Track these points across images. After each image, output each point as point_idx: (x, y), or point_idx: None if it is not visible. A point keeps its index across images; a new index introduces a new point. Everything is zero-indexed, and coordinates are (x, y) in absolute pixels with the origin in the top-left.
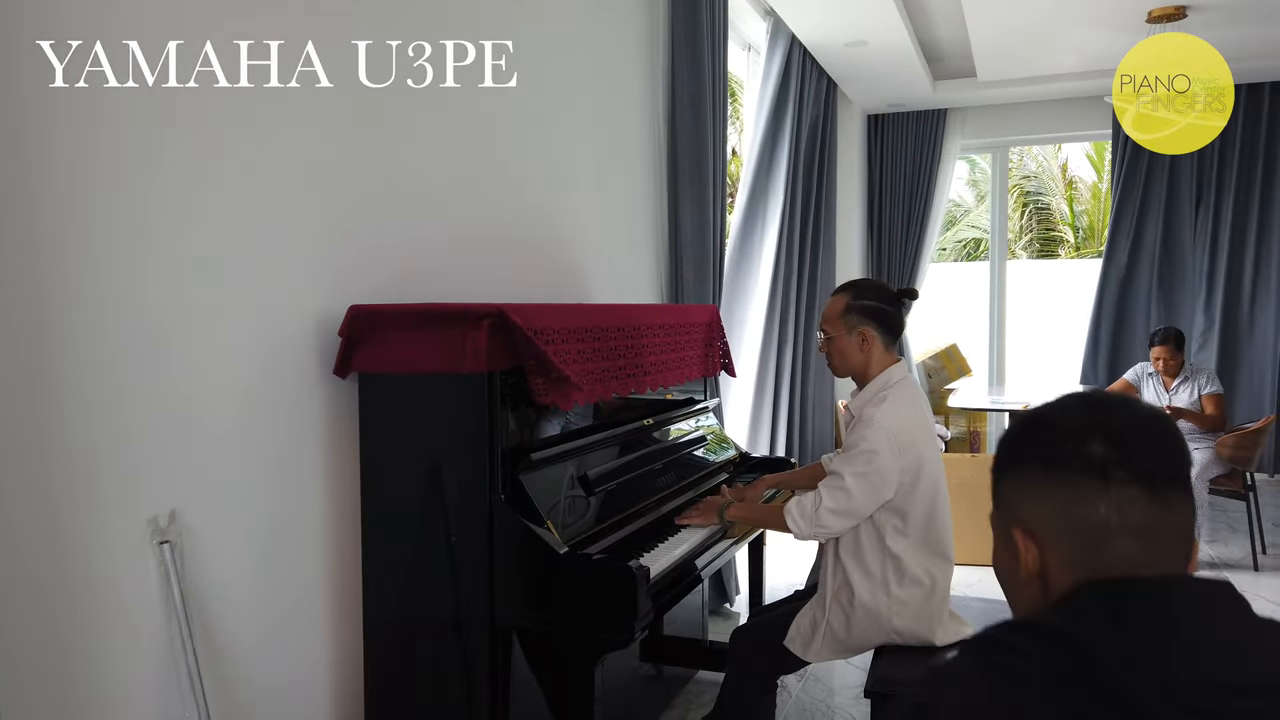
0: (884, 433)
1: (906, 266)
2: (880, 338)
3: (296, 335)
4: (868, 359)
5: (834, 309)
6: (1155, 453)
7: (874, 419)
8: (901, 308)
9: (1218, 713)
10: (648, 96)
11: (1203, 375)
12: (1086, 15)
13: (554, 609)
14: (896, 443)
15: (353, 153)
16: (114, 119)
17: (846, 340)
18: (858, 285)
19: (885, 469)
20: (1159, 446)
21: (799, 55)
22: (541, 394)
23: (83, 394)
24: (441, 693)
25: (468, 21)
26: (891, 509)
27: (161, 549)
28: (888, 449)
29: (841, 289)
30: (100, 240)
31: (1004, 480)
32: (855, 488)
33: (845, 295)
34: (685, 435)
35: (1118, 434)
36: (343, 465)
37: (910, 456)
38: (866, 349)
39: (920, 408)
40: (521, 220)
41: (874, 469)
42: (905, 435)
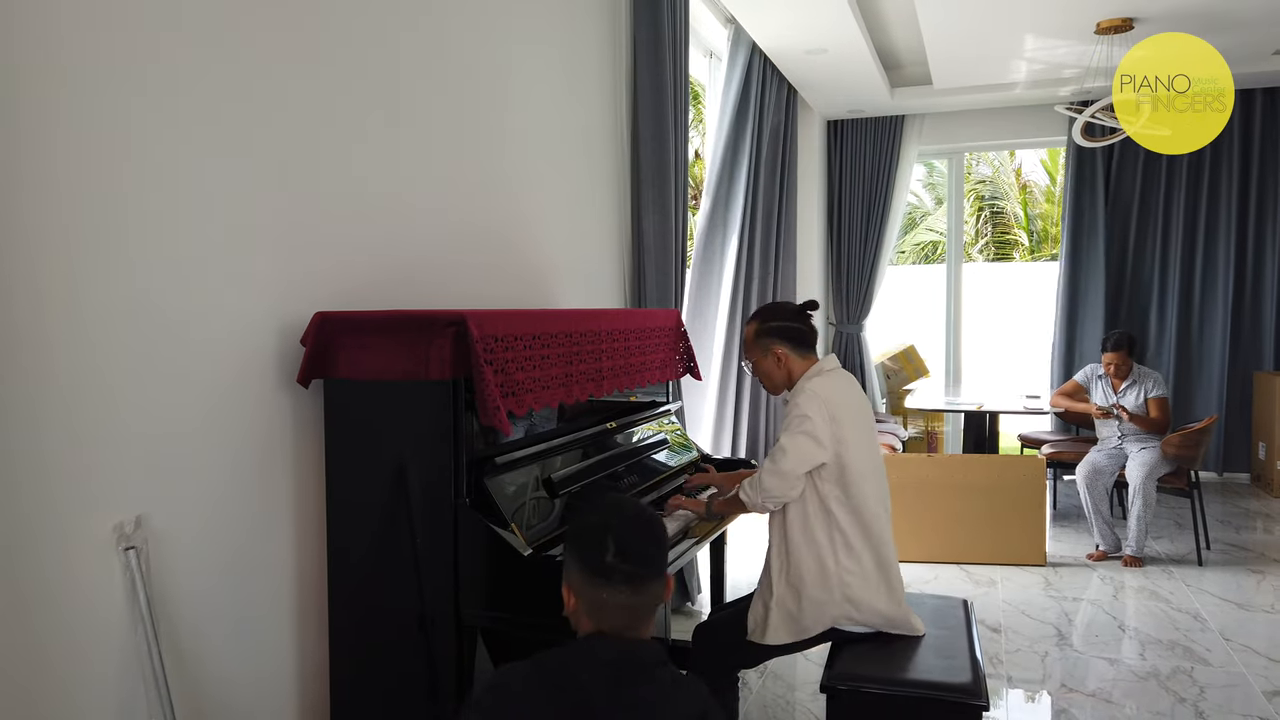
0: (815, 399)
1: (865, 269)
2: (792, 351)
3: (262, 341)
4: (788, 373)
5: (749, 336)
6: (643, 558)
7: (804, 388)
8: (807, 320)
9: None
10: (610, 103)
11: (1149, 379)
12: (1037, 26)
13: (519, 610)
14: (826, 409)
15: (318, 159)
16: (77, 121)
17: (765, 362)
18: (763, 311)
19: (816, 430)
20: (647, 553)
21: (760, 62)
22: (485, 415)
23: (46, 400)
24: (407, 694)
25: (432, 27)
26: (831, 479)
27: (127, 555)
28: (818, 413)
29: (751, 318)
30: (64, 245)
31: (566, 552)
32: (790, 446)
33: (755, 322)
34: (648, 438)
35: (622, 547)
36: (308, 470)
37: (840, 422)
38: (784, 364)
39: (851, 387)
40: (487, 226)
41: (805, 430)
42: (834, 404)
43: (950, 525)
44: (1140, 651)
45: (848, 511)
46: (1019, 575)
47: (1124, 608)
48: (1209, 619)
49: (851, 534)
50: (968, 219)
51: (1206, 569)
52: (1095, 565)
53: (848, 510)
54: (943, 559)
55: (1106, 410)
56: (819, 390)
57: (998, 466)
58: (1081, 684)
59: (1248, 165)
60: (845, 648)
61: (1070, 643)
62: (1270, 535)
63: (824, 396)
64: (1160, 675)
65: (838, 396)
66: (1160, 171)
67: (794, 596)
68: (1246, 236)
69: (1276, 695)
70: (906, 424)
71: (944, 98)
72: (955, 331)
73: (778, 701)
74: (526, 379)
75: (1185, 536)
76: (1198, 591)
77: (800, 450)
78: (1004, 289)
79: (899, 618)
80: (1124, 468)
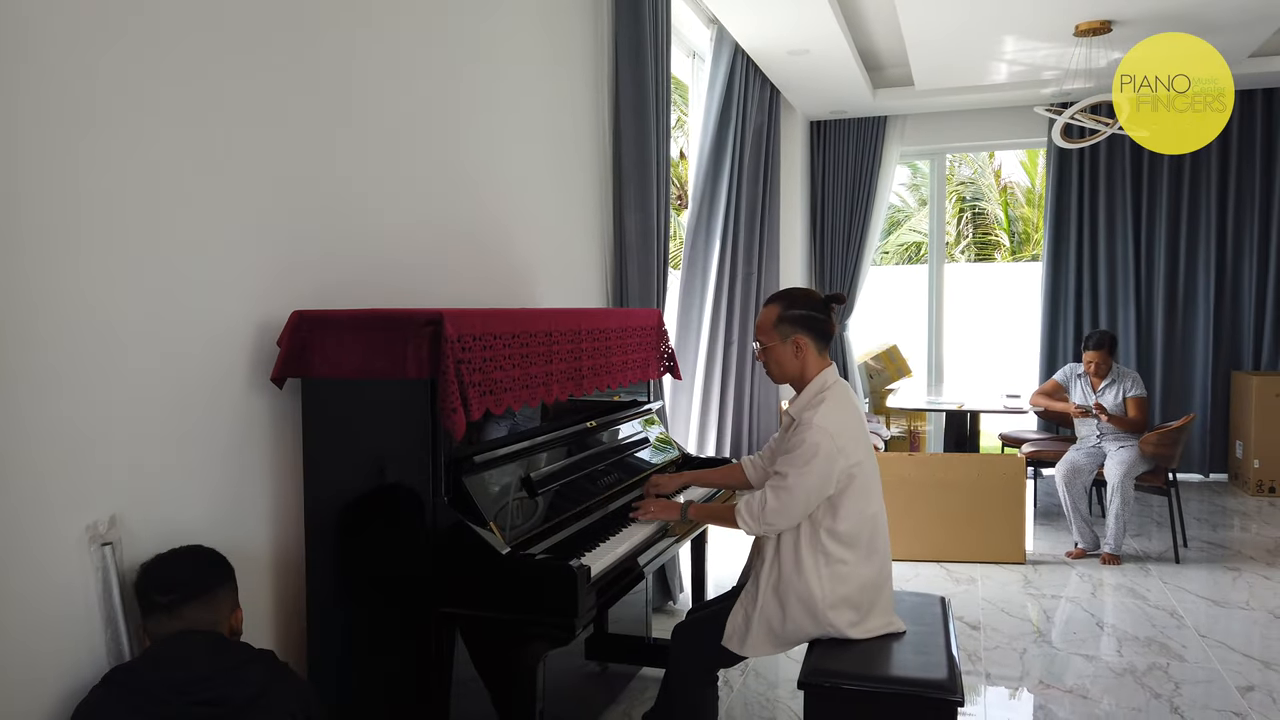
0: (823, 434)
1: (848, 269)
2: (813, 344)
3: (239, 341)
4: (803, 365)
5: (767, 319)
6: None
7: (812, 421)
8: (831, 313)
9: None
10: (592, 102)
11: (1128, 379)
12: (1017, 28)
13: (498, 608)
14: (834, 443)
15: (299, 159)
16: (48, 120)
17: (781, 349)
18: (789, 295)
19: (825, 468)
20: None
21: (743, 63)
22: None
23: (19, 399)
24: (386, 692)
25: (415, 25)
26: (828, 506)
27: (103, 551)
28: (827, 449)
29: (773, 299)
30: (39, 244)
31: None
32: (798, 486)
33: (777, 305)
34: (629, 437)
35: (143, 580)
36: (286, 469)
37: (847, 455)
38: (801, 356)
39: (855, 409)
40: (468, 225)
41: (814, 467)
42: (842, 435)
43: (931, 524)
44: (1117, 648)
45: (838, 534)
46: (999, 573)
47: (1102, 605)
48: (1185, 616)
49: (840, 559)
50: (950, 220)
51: (1184, 566)
52: (1074, 563)
53: (838, 533)
54: (923, 557)
55: (1085, 409)
56: (827, 424)
57: (978, 465)
58: (1059, 680)
59: (1226, 166)
60: (823, 643)
61: (1048, 640)
62: (1247, 533)
63: (832, 430)
64: (1136, 671)
65: (842, 424)
66: (1141, 173)
67: (779, 614)
68: (1226, 237)
69: (1250, 690)
70: (889, 424)
71: (926, 99)
72: (937, 331)
73: (759, 699)
74: (505, 377)
75: (1164, 534)
76: (1175, 589)
77: (809, 489)
78: (986, 289)
79: (879, 630)
80: (1102, 466)
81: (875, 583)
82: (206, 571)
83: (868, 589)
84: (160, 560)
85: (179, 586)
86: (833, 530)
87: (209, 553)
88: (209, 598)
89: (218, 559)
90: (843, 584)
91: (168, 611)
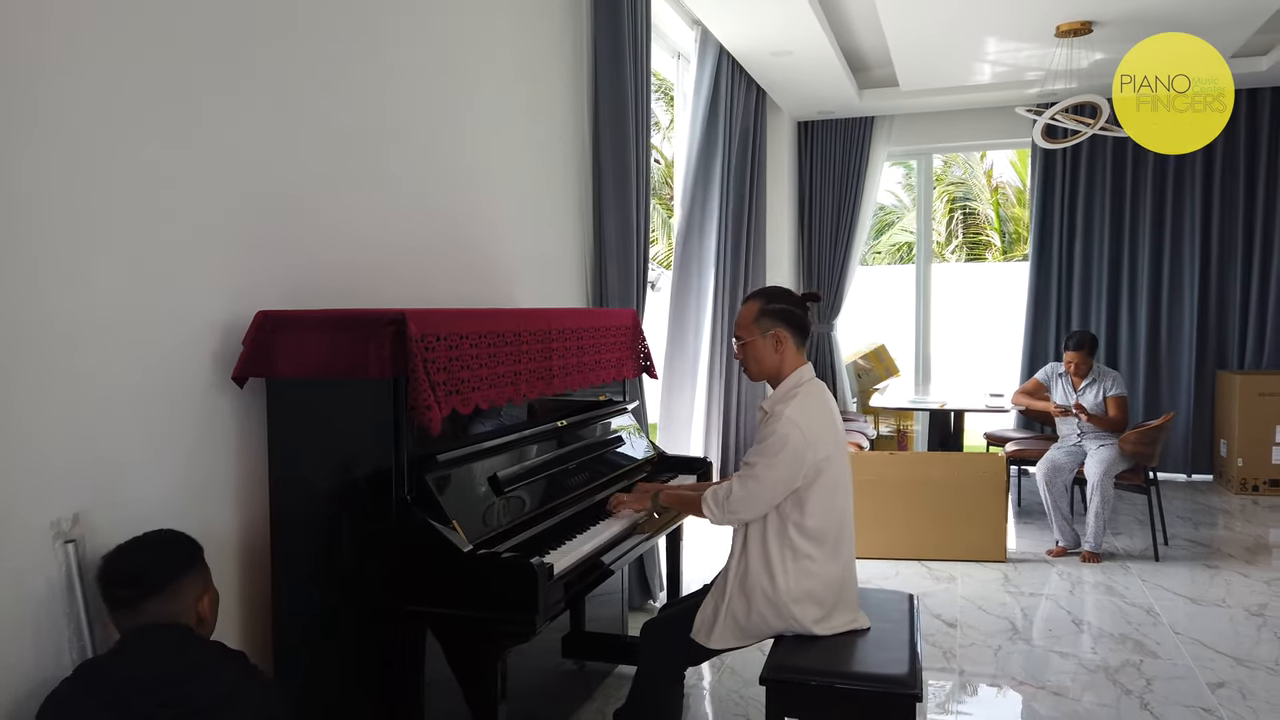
0: (793, 426)
1: (835, 269)
2: (792, 338)
3: (205, 341)
4: (781, 359)
5: (748, 315)
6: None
7: (784, 414)
8: (808, 310)
9: None
10: (571, 103)
11: (1109, 378)
12: (998, 29)
13: (460, 606)
14: (804, 436)
15: (271, 157)
16: (9, 120)
17: (762, 343)
18: (768, 291)
19: (794, 459)
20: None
21: (728, 64)
22: (418, 411)
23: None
24: (353, 689)
25: (389, 24)
26: (795, 501)
27: (66, 548)
28: (796, 441)
29: (752, 296)
30: (3, 247)
31: None
32: (765, 476)
33: (757, 301)
34: (602, 436)
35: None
36: (252, 467)
37: (816, 449)
38: (780, 350)
39: (827, 406)
40: (445, 226)
41: (783, 459)
42: (813, 429)
43: (912, 522)
44: (1092, 645)
45: (805, 530)
46: (979, 571)
47: (1079, 602)
48: (1161, 613)
49: (806, 553)
50: (941, 220)
51: (1163, 564)
52: (1054, 561)
53: (805, 530)
54: (904, 555)
55: (1065, 409)
56: (796, 418)
57: (958, 464)
58: (1032, 676)
59: (1210, 166)
60: (787, 640)
61: (1024, 637)
62: (1229, 531)
63: (802, 423)
64: (1109, 668)
65: (815, 418)
66: (1125, 172)
67: (744, 607)
68: (1210, 236)
69: (1220, 687)
70: (878, 423)
71: (911, 99)
72: (925, 331)
73: (731, 696)
74: (472, 377)
75: (1145, 533)
76: (1153, 586)
77: (777, 481)
78: (976, 289)
79: (843, 627)
80: (1083, 465)
81: (840, 580)
82: (169, 561)
83: (833, 585)
84: (121, 551)
85: (139, 581)
86: (801, 525)
87: (171, 538)
88: (172, 589)
89: (182, 543)
90: (808, 579)
91: (130, 606)
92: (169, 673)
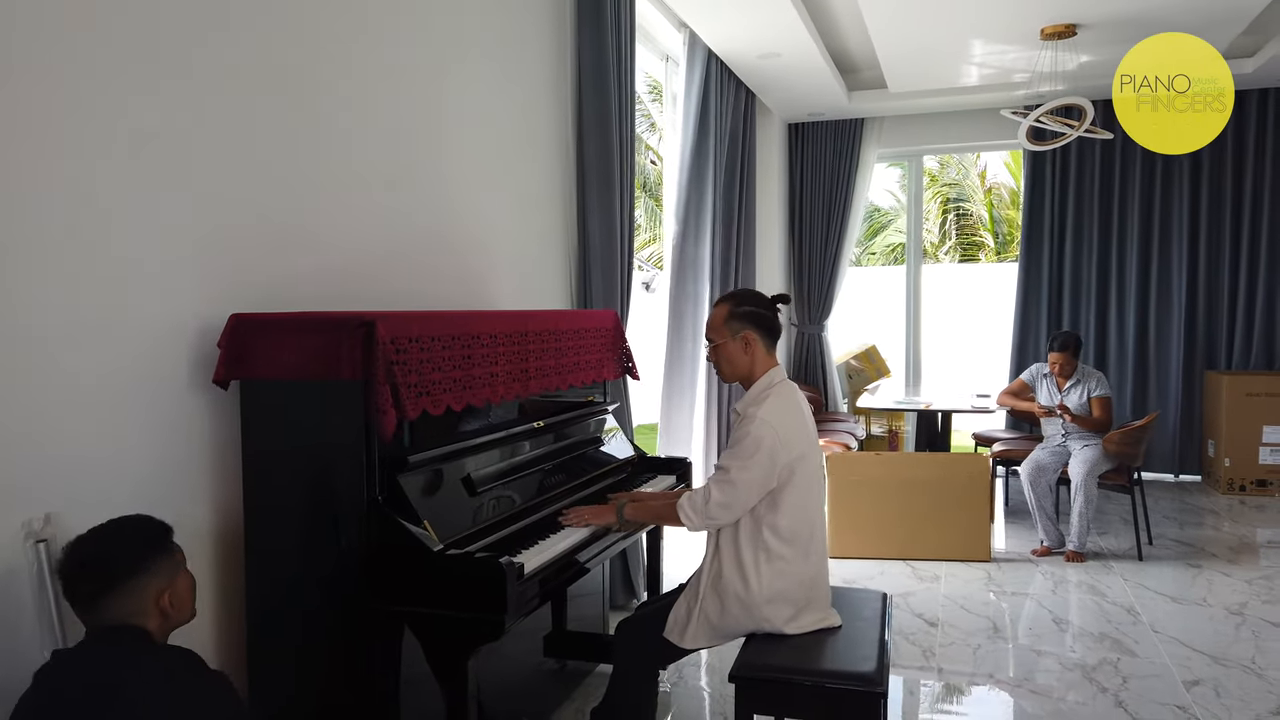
0: (767, 426)
1: (826, 271)
2: (761, 340)
3: (179, 343)
4: (752, 361)
5: (718, 317)
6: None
7: (757, 416)
8: (777, 312)
9: None
10: (555, 107)
11: (1093, 379)
12: (983, 32)
13: (432, 604)
14: (778, 436)
15: (249, 161)
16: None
17: (732, 345)
18: (737, 294)
19: (768, 460)
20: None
21: (717, 67)
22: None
23: None
24: (331, 688)
25: (370, 24)
26: (770, 502)
27: (38, 548)
28: (770, 442)
29: (722, 299)
30: None
31: None
32: (741, 479)
33: (727, 304)
34: (579, 436)
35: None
36: (226, 468)
37: (789, 449)
38: (750, 351)
39: (799, 405)
40: (427, 229)
41: (757, 460)
42: (786, 429)
43: (896, 522)
44: (1071, 644)
45: (778, 534)
46: (963, 571)
47: (1060, 602)
48: (1142, 612)
49: (779, 554)
50: (935, 221)
51: (1146, 564)
52: (1039, 561)
53: (778, 530)
54: (890, 555)
55: (1049, 409)
56: (770, 419)
57: (943, 464)
58: (1008, 675)
59: (1197, 166)
60: (759, 638)
61: (1004, 636)
62: (1214, 531)
63: (775, 423)
64: (1086, 666)
65: (789, 419)
66: (1113, 173)
67: (717, 607)
68: (1199, 236)
69: (1196, 685)
70: (870, 424)
71: (901, 101)
72: (915, 332)
73: (715, 695)
74: (443, 378)
75: (1130, 532)
76: (1134, 586)
77: (753, 483)
78: (969, 290)
79: (814, 626)
80: (1067, 465)
81: (812, 579)
82: (128, 553)
83: (804, 585)
84: (80, 542)
85: (96, 576)
86: (774, 526)
87: (133, 526)
88: (132, 585)
89: (145, 531)
90: (780, 579)
91: (89, 602)
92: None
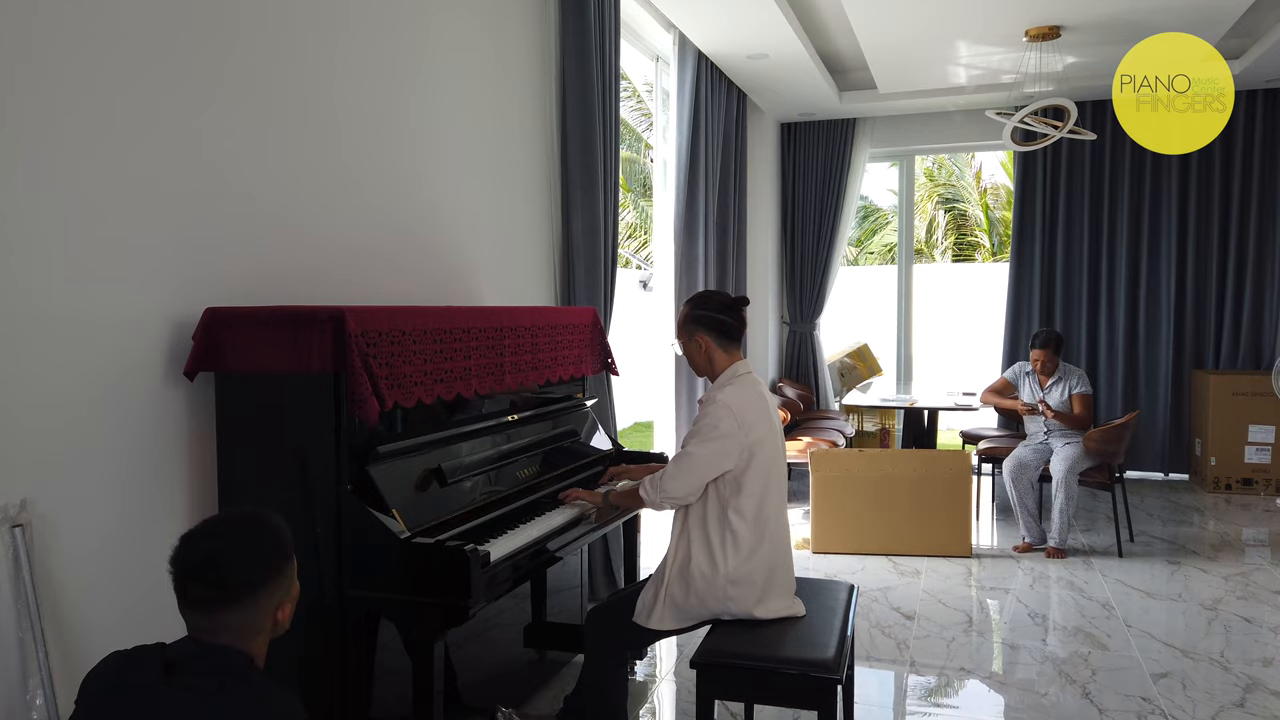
0: (724, 408)
1: (818, 270)
2: (714, 342)
3: (155, 336)
4: (710, 361)
5: (680, 320)
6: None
7: (716, 398)
8: (736, 314)
9: None
10: (538, 106)
11: (1074, 376)
12: (968, 34)
13: (401, 591)
14: (735, 418)
15: (230, 156)
16: None
17: (690, 346)
18: (697, 297)
19: (726, 440)
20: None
21: (707, 68)
22: (355, 404)
23: None
24: (300, 672)
25: (348, 20)
26: (733, 485)
27: (13, 533)
28: (728, 423)
29: (686, 301)
30: None
31: None
32: (697, 454)
33: (687, 307)
34: (555, 430)
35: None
36: (201, 458)
37: (748, 431)
38: (705, 353)
39: (761, 394)
40: (408, 226)
41: (715, 439)
42: (745, 412)
43: (879, 518)
44: (1044, 637)
45: (742, 517)
46: (944, 566)
47: (1038, 596)
48: (1117, 607)
49: (744, 537)
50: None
51: (1125, 560)
52: (1020, 557)
53: (743, 516)
54: (872, 550)
55: (1031, 406)
56: (729, 401)
57: (925, 461)
58: (979, 667)
59: (1186, 167)
60: (724, 624)
61: (979, 629)
62: (1197, 529)
63: (734, 407)
64: (1057, 659)
65: (748, 403)
66: (1103, 173)
67: (683, 589)
68: (1187, 236)
69: (1163, 677)
70: (862, 421)
71: (891, 101)
72: (906, 331)
73: (691, 683)
74: (415, 372)
75: (1113, 529)
76: (1112, 581)
77: (708, 459)
78: (962, 289)
79: (779, 612)
80: (1049, 462)
81: (774, 563)
82: (255, 565)
83: (766, 568)
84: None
85: (217, 583)
86: (739, 509)
87: (260, 532)
88: (252, 598)
89: (272, 539)
90: (744, 563)
91: (203, 609)
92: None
